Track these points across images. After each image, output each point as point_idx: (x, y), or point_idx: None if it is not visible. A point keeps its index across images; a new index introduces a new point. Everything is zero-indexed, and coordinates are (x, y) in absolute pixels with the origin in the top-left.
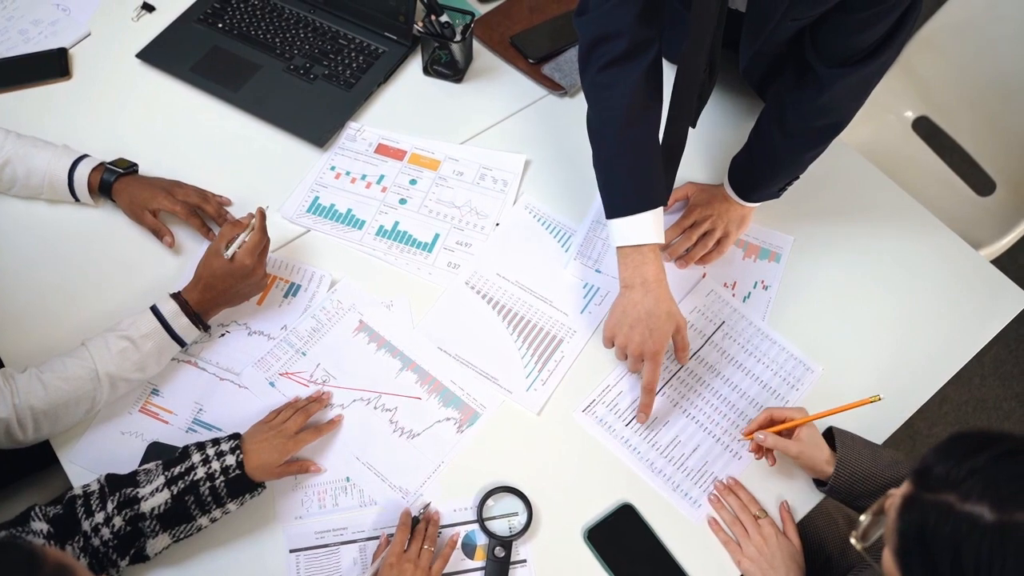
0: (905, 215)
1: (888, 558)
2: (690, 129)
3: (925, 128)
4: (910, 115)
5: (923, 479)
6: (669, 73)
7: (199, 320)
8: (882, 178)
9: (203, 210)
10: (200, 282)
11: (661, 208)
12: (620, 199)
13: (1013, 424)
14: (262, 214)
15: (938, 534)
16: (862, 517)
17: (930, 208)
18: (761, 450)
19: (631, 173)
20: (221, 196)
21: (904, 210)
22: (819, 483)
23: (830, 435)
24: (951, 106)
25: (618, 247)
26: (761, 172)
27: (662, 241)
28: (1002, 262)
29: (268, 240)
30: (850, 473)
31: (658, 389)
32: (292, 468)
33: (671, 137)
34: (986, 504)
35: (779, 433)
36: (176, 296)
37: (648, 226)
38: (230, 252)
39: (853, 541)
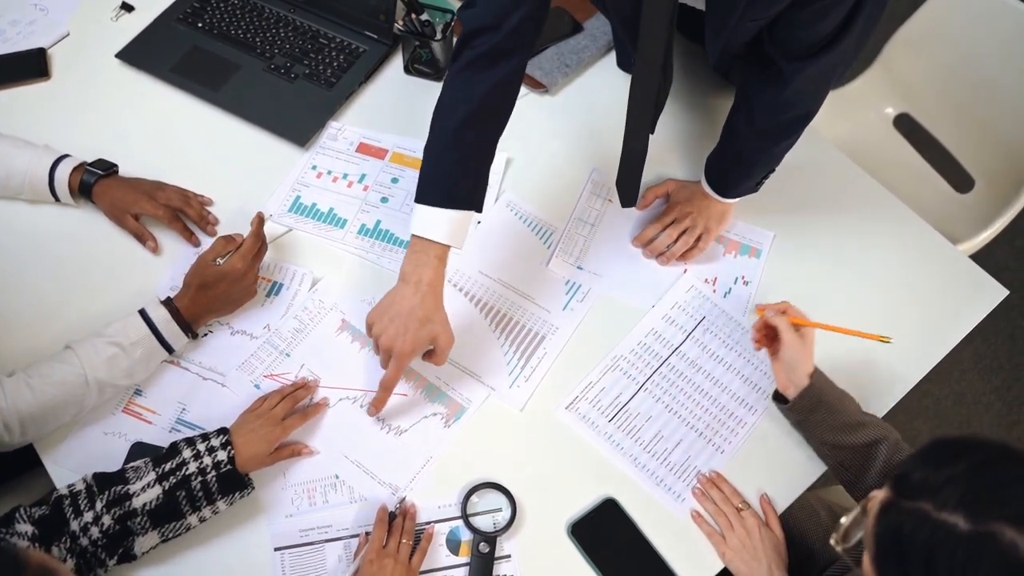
0: (885, 211)
1: (867, 563)
2: (663, 128)
3: (905, 125)
4: (891, 112)
5: (901, 485)
6: (624, 83)
7: (188, 328)
8: (862, 175)
9: (185, 213)
10: (190, 289)
11: (469, 216)
12: (434, 188)
13: (992, 417)
14: (260, 219)
15: (913, 541)
16: (843, 520)
17: (910, 204)
18: (760, 333)
19: (453, 169)
20: (202, 196)
21: (884, 206)
22: (779, 400)
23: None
24: (932, 103)
25: (413, 234)
26: (735, 168)
27: (456, 247)
28: (980, 257)
29: (265, 248)
30: (815, 401)
31: (644, 383)
32: (283, 453)
33: (631, 145)
34: (961, 513)
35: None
36: (167, 303)
37: (448, 225)
38: (222, 260)
39: (833, 543)
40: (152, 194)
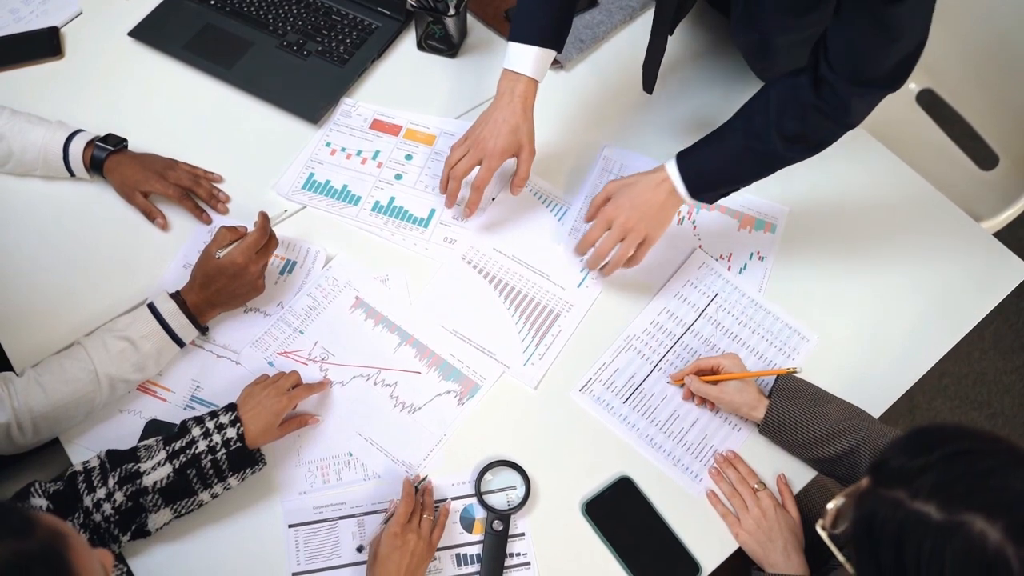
0: (906, 187)
1: (850, 552)
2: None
3: (928, 100)
4: (913, 87)
5: (879, 473)
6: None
7: (196, 321)
8: (883, 150)
9: (195, 193)
10: (195, 282)
11: (551, 55)
12: (520, 27)
13: (1013, 398)
14: (265, 217)
15: (885, 529)
16: (829, 505)
17: (932, 181)
18: (691, 393)
19: (536, 8)
20: (213, 173)
21: (905, 182)
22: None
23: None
24: (955, 79)
25: (505, 69)
26: (741, 173)
27: (538, 80)
28: (1003, 236)
29: (274, 244)
30: (775, 426)
31: (658, 362)
32: (292, 425)
33: (655, 39)
34: (933, 503)
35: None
36: (175, 295)
37: (532, 59)
38: (222, 254)
39: (819, 528)
40: (163, 173)
